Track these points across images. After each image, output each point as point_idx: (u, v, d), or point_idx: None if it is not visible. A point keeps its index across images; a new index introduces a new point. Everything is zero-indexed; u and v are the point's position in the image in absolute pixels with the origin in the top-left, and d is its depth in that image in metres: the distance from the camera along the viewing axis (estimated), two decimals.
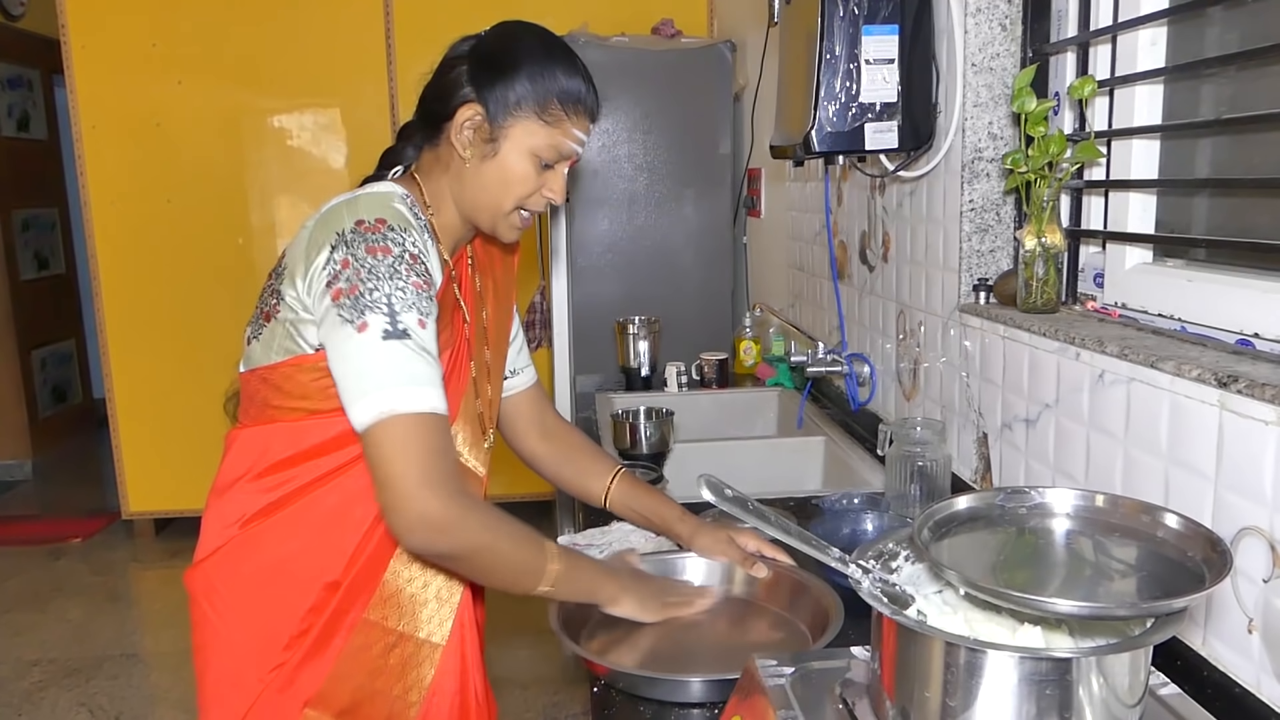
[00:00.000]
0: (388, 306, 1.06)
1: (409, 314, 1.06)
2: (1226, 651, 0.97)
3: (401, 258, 1.08)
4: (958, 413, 1.60)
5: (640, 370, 2.79)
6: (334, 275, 1.07)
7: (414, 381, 1.06)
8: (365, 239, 1.07)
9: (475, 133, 1.17)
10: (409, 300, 1.07)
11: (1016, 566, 0.89)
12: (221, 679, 1.21)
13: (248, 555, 1.20)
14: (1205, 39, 1.22)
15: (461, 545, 1.08)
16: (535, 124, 1.17)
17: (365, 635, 1.20)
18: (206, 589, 1.22)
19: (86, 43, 3.93)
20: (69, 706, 2.99)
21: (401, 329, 1.06)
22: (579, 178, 3.34)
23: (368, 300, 1.06)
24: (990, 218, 1.55)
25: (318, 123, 4.10)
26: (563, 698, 2.96)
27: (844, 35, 1.53)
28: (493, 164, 1.18)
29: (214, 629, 1.21)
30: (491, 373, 1.36)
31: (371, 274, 1.06)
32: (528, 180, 1.19)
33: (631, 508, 1.46)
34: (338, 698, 1.19)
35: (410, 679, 1.23)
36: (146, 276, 4.07)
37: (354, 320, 1.05)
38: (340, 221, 1.10)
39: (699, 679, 1.08)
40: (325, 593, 1.18)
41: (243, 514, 1.19)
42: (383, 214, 1.10)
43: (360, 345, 1.05)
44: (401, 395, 1.05)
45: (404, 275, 1.07)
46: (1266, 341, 1.05)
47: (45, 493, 5.14)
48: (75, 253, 5.91)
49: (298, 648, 1.18)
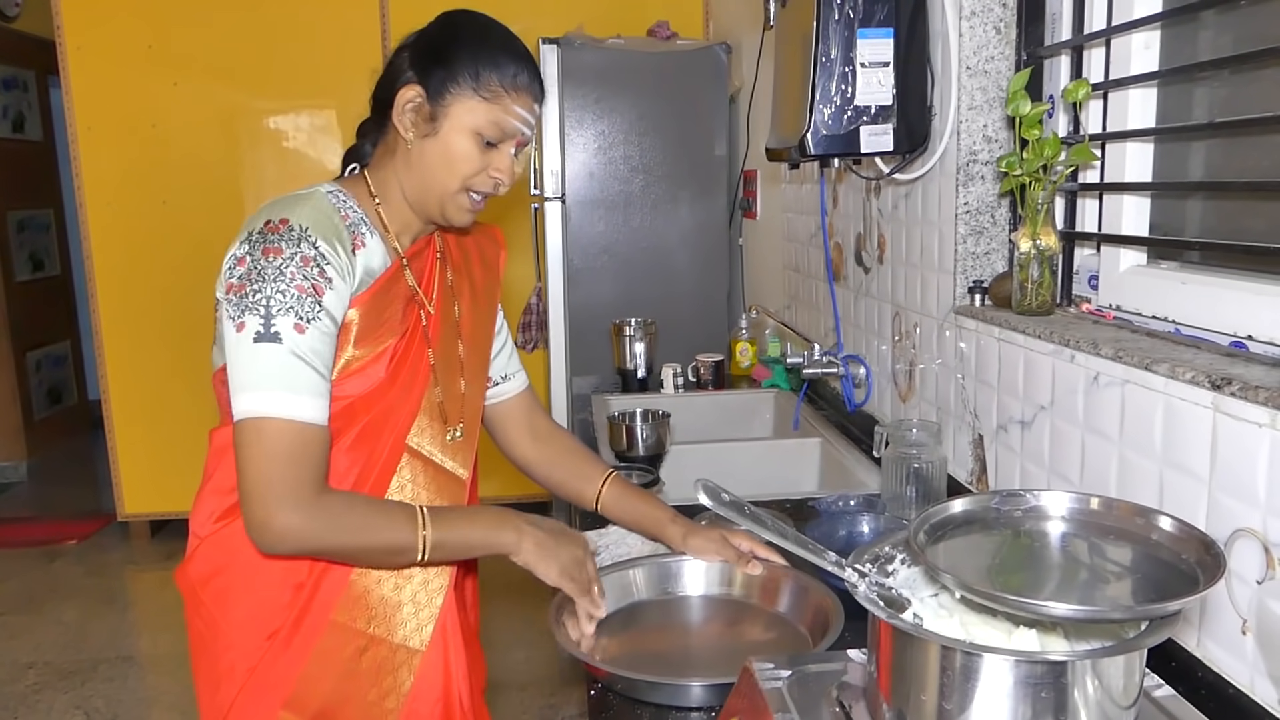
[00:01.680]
0: (264, 309, 1.08)
1: (284, 318, 1.08)
2: (1221, 653, 0.97)
3: (292, 259, 1.09)
4: (953, 415, 1.61)
5: (636, 372, 2.79)
6: (230, 270, 1.11)
7: (278, 386, 1.07)
8: (265, 239, 1.10)
9: (416, 113, 1.19)
10: (287, 304, 1.08)
11: (1012, 569, 0.89)
12: (208, 679, 1.23)
13: (220, 555, 1.21)
14: (1199, 42, 1.23)
15: (310, 548, 1.12)
16: (474, 100, 1.17)
17: (335, 637, 1.20)
18: (189, 590, 1.24)
19: (82, 44, 3.92)
20: (64, 709, 2.99)
21: (274, 332, 1.08)
22: (573, 179, 3.34)
23: (249, 300, 1.08)
24: (985, 220, 1.55)
25: (313, 124, 4.10)
26: (559, 700, 2.96)
27: (839, 38, 1.54)
28: (434, 143, 1.19)
29: (198, 630, 1.23)
30: (466, 369, 1.35)
31: (259, 274, 1.09)
32: (470, 159, 1.19)
33: (623, 511, 1.46)
34: (311, 700, 1.19)
35: (386, 684, 1.22)
36: (142, 278, 4.07)
37: (235, 318, 1.09)
38: (256, 220, 1.13)
39: (696, 682, 1.08)
40: (293, 594, 1.19)
41: (213, 511, 1.21)
42: (289, 214, 1.12)
43: (236, 344, 1.09)
44: (262, 399, 1.07)
45: (288, 278, 1.09)
46: (1260, 344, 1.06)
47: (40, 495, 5.13)
48: (70, 254, 5.89)
49: (270, 647, 1.19)
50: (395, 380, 1.22)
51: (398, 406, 1.23)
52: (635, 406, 2.21)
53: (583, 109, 3.34)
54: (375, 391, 1.21)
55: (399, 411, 1.23)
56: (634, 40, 3.44)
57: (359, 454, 1.21)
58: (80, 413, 6.00)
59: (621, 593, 1.35)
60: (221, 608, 1.21)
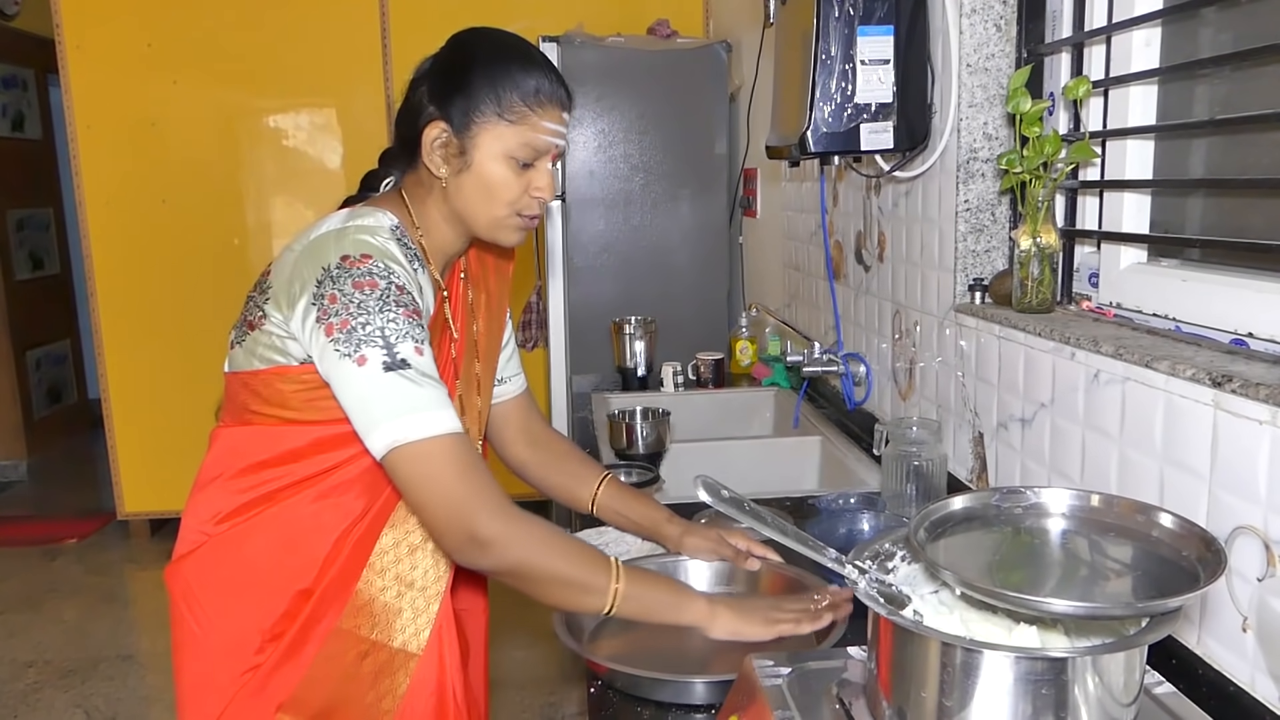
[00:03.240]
0: (382, 338, 1.07)
1: (404, 343, 1.08)
2: (1221, 650, 0.97)
3: (389, 290, 1.09)
4: (953, 412, 1.60)
5: (636, 370, 2.79)
6: (323, 311, 1.08)
7: (423, 407, 1.07)
8: (351, 274, 1.08)
9: (445, 149, 1.17)
10: (402, 330, 1.08)
11: (1012, 566, 0.89)
12: (197, 679, 1.22)
13: (223, 556, 1.20)
14: (1199, 40, 1.22)
15: (510, 561, 1.09)
16: (500, 126, 1.16)
17: (338, 643, 1.20)
18: (184, 589, 1.22)
19: (81, 42, 3.91)
20: (64, 708, 2.99)
21: (400, 359, 1.07)
22: (574, 177, 3.34)
23: (362, 334, 1.07)
24: (985, 218, 1.55)
25: (313, 122, 4.10)
26: (559, 698, 2.96)
27: (839, 36, 1.54)
28: (469, 177, 1.17)
29: (189, 629, 1.22)
30: (481, 385, 1.36)
31: (361, 309, 1.07)
32: (509, 185, 1.18)
33: (619, 513, 1.46)
34: (310, 703, 1.19)
35: (383, 687, 1.22)
36: (141, 277, 4.06)
37: (352, 354, 1.07)
38: (326, 256, 1.10)
39: (696, 680, 1.08)
40: (298, 600, 1.19)
41: (218, 511, 1.20)
42: (367, 249, 1.11)
43: (362, 379, 1.07)
44: (413, 422, 1.06)
45: (393, 307, 1.08)
46: (1260, 341, 1.06)
47: (40, 493, 5.13)
48: (70, 253, 5.89)
49: (271, 651, 1.18)
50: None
51: None
52: (635, 405, 2.21)
53: (582, 107, 3.34)
54: None
55: None
56: (634, 38, 3.44)
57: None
58: (80, 411, 6.00)
59: None
60: (219, 608, 1.20)
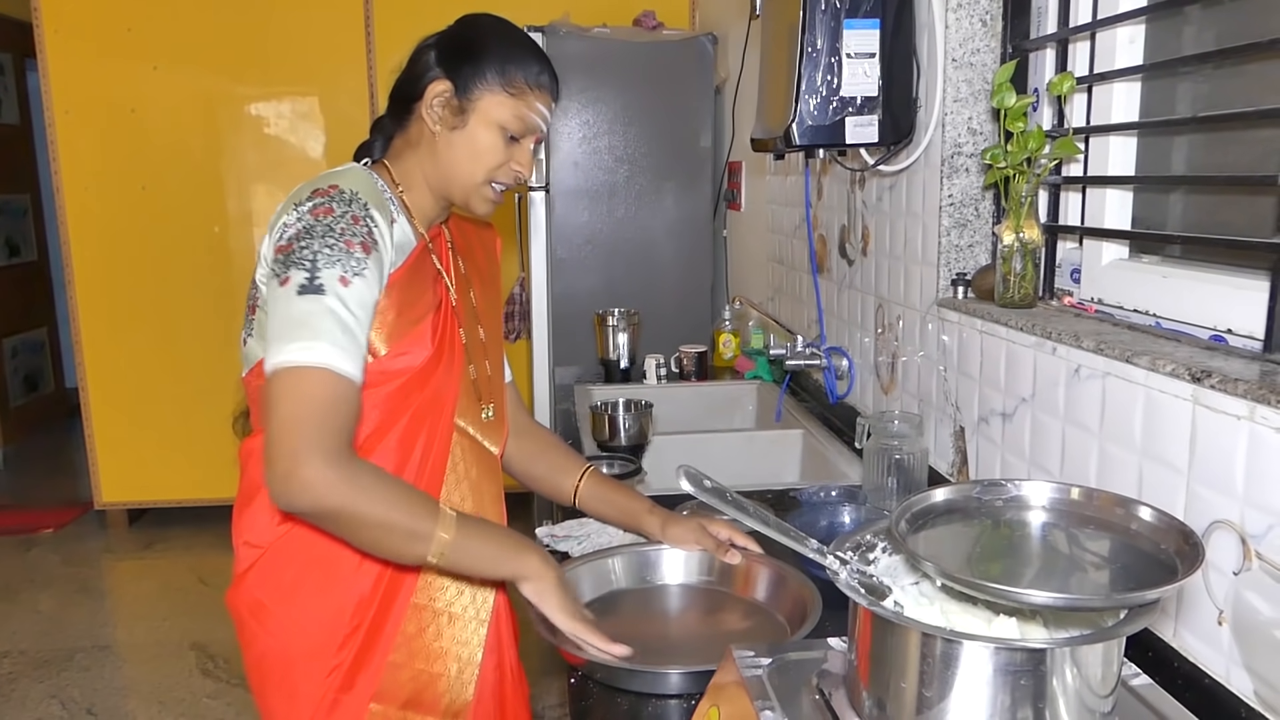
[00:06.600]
0: (311, 263, 1.08)
1: (330, 270, 1.08)
2: (1197, 643, 0.98)
3: (342, 217, 1.10)
4: (935, 406, 1.61)
5: (619, 362, 2.79)
6: (281, 234, 1.11)
7: (319, 337, 1.05)
8: (314, 202, 1.11)
9: (445, 106, 1.22)
10: (335, 257, 1.08)
11: (992, 558, 0.90)
12: (283, 692, 1.20)
13: (287, 560, 1.19)
14: (1183, 37, 1.23)
15: (326, 506, 1.03)
16: (501, 96, 1.22)
17: (416, 620, 1.22)
18: (251, 605, 1.21)
19: (60, 26, 3.87)
20: (40, 698, 2.96)
21: (318, 284, 1.07)
22: (558, 169, 3.33)
23: (295, 256, 1.08)
24: (969, 213, 1.55)
25: (296, 111, 4.06)
26: (539, 690, 2.95)
27: (825, 29, 1.54)
28: (462, 135, 1.22)
29: (265, 645, 1.21)
30: (489, 350, 1.38)
31: (308, 233, 1.09)
32: (495, 151, 1.23)
33: (600, 504, 1.46)
34: (399, 688, 1.20)
35: (464, 658, 1.25)
36: (120, 264, 4.02)
37: (280, 274, 1.08)
38: (302, 192, 1.14)
39: (676, 670, 1.08)
40: (373, 584, 1.19)
41: (272, 519, 1.19)
42: (335, 182, 1.14)
43: (279, 298, 1.08)
44: (301, 349, 1.05)
45: (338, 233, 1.09)
46: (1239, 337, 1.07)
47: (16, 483, 5.07)
48: (47, 240, 5.83)
49: (351, 646, 1.18)
50: (440, 357, 1.24)
51: (445, 385, 1.25)
52: (618, 397, 2.21)
53: (567, 98, 3.32)
54: (425, 367, 1.21)
55: (446, 390, 1.25)
56: (620, 30, 3.43)
57: (417, 435, 1.21)
58: (57, 400, 5.94)
59: (600, 581, 1.35)
60: (293, 613, 1.19)
